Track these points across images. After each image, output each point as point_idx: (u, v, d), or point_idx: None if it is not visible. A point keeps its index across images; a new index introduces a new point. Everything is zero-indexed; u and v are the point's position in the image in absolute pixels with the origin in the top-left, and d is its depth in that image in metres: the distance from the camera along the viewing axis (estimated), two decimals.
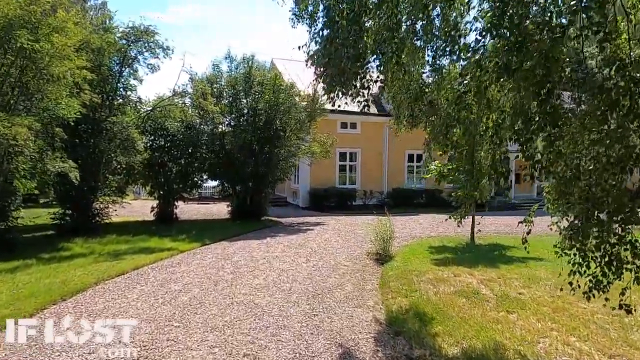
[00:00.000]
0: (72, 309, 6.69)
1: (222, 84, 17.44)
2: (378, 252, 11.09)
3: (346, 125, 23.77)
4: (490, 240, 13.43)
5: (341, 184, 23.90)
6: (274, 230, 15.66)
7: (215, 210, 21.74)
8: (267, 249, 11.66)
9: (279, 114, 17.35)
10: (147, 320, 6.20)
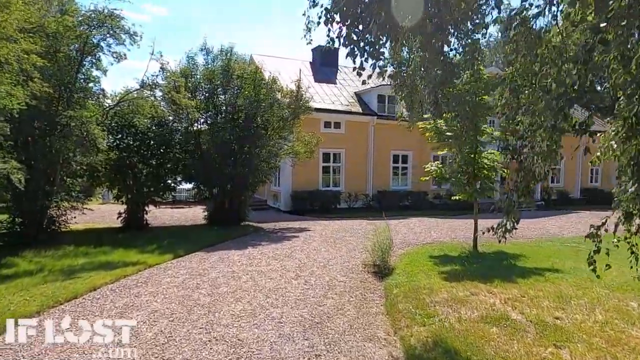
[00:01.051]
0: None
1: (198, 78, 15.76)
2: (376, 264, 9.70)
3: (330, 124, 22.36)
4: (493, 248, 12.20)
5: (325, 186, 22.47)
6: (256, 237, 14.09)
7: (191, 215, 19.99)
8: (250, 262, 10.10)
9: (260, 111, 15.80)
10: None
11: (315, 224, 17.57)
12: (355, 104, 23.73)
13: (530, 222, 19.61)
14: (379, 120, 23.35)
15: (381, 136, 23.63)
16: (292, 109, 16.12)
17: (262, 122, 15.95)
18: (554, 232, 16.77)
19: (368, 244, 12.07)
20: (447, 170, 11.47)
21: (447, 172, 11.46)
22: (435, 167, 11.57)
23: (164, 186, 15.87)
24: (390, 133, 23.91)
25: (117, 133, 14.58)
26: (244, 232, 15.04)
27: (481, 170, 11.27)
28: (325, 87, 24.38)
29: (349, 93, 24.72)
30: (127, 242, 12.40)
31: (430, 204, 24.09)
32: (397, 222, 18.33)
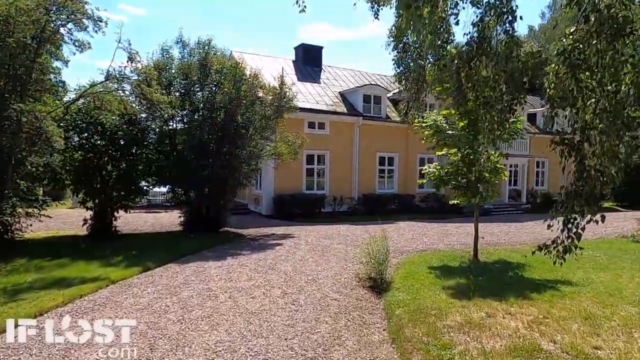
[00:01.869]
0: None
1: (173, 73, 14.36)
2: (371, 276, 8.56)
3: (314, 125, 21.17)
4: (494, 256, 11.21)
5: (308, 189, 21.26)
6: (236, 245, 12.77)
7: (166, 221, 18.50)
8: (229, 276, 8.80)
9: (240, 109, 14.51)
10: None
11: (300, 229, 16.34)
12: (340, 104, 22.62)
13: (520, 225, 18.82)
14: (365, 121, 22.29)
15: (367, 137, 22.58)
16: (275, 107, 14.87)
17: (243, 120, 14.66)
18: (547, 236, 15.85)
19: (358, 252, 10.98)
20: (446, 173, 10.36)
21: (446, 174, 10.36)
22: (434, 169, 10.47)
23: (135, 190, 14.39)
24: (376, 134, 22.90)
25: (83, 132, 13.08)
26: (223, 240, 13.71)
27: (482, 173, 10.25)
28: (308, 86, 23.21)
29: (334, 93, 23.61)
30: (91, 252, 10.95)
31: (416, 208, 23.13)
32: (386, 227, 17.21)
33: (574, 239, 4.03)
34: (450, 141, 9.69)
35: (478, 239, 10.81)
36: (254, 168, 16.03)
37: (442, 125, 9.80)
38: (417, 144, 24.03)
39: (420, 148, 24.18)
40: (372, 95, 22.94)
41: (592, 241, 14.86)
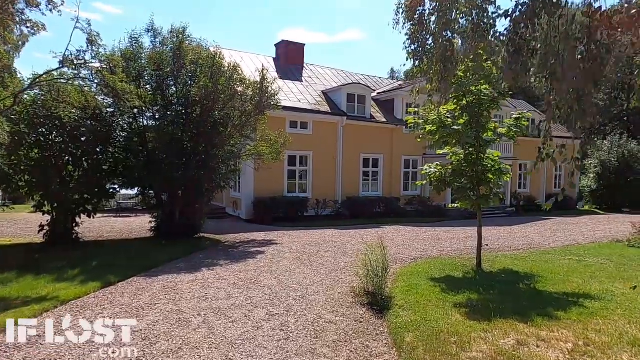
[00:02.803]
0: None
1: (143, 63, 12.85)
2: (368, 291, 7.37)
3: (296, 124, 19.91)
4: (497, 265, 10.17)
5: (290, 192, 19.96)
6: (212, 254, 11.38)
7: (137, 226, 16.91)
8: (204, 293, 7.44)
9: (218, 104, 13.13)
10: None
11: (282, 235, 15.03)
12: (323, 103, 21.43)
13: (510, 230, 17.99)
14: (349, 120, 21.16)
15: (351, 138, 21.45)
16: (256, 103, 13.55)
17: (221, 117, 13.27)
18: (539, 241, 15.10)
19: (349, 261, 9.76)
20: (448, 174, 9.23)
21: (448, 175, 9.23)
22: (435, 170, 9.33)
23: (99, 192, 12.79)
24: (361, 135, 21.80)
25: (38, 127, 11.47)
26: (198, 248, 12.29)
27: (486, 174, 9.19)
28: (290, 84, 21.94)
29: (316, 92, 22.41)
30: (44, 264, 9.40)
31: (402, 211, 22.12)
32: (373, 232, 16.12)
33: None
34: (456, 138, 8.59)
35: (482, 247, 9.70)
36: (232, 169, 14.66)
37: (447, 121, 8.69)
38: (403, 145, 23.19)
39: (405, 149, 23.30)
40: (356, 95, 21.85)
41: (587, 246, 14.10)
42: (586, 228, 19.35)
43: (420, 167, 23.36)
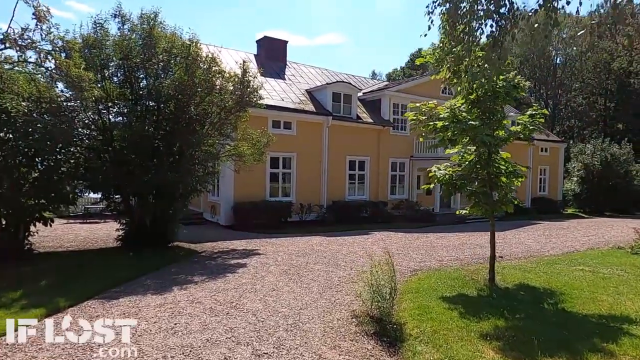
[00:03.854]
0: None
1: (109, 52, 11.27)
2: (372, 315, 6.10)
3: (279, 124, 18.51)
4: (509, 278, 9.01)
5: (273, 196, 18.53)
6: (186, 267, 9.88)
7: (104, 234, 15.20)
8: (172, 322, 5.97)
9: (194, 99, 11.66)
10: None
11: (265, 243, 13.61)
12: (307, 102, 20.10)
13: (503, 236, 17.01)
14: (335, 121, 19.88)
15: (336, 139, 20.17)
16: (237, 98, 12.10)
17: (197, 113, 11.79)
18: (537, 248, 14.14)
19: (342, 274, 8.41)
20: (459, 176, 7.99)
21: (459, 178, 7.99)
22: (445, 172, 8.06)
23: (57, 197, 11.09)
24: (346, 136, 20.56)
25: None
26: (170, 259, 10.78)
27: (499, 177, 8.02)
28: (272, 82, 20.54)
29: (300, 90, 21.06)
30: None
31: (389, 216, 20.95)
32: (362, 239, 14.85)
33: None
34: (470, 135, 7.36)
35: (495, 259, 8.50)
36: (210, 171, 13.15)
37: (461, 115, 7.46)
38: (390, 147, 22.06)
39: (392, 151, 22.18)
40: (342, 94, 20.61)
41: (588, 253, 13.18)
42: (578, 233, 18.57)
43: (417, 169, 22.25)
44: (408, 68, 50.45)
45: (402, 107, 22.65)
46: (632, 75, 39.07)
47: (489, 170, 7.87)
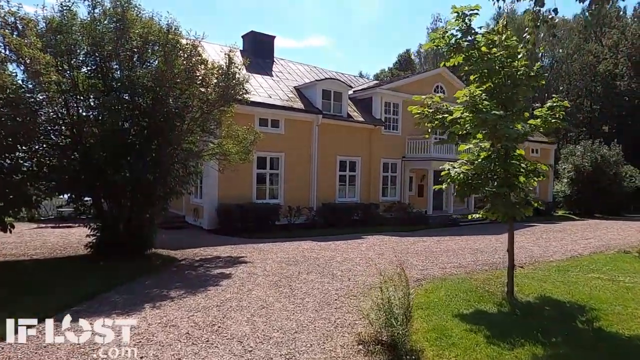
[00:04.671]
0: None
1: (77, 37, 9.99)
2: (382, 340, 5.04)
3: (266, 122, 17.37)
4: (528, 289, 8.03)
5: (260, 198, 17.35)
6: (163, 279, 8.67)
7: (75, 239, 13.82)
8: (138, 354, 4.81)
9: (173, 91, 10.46)
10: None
11: (252, 249, 12.45)
12: (296, 99, 18.99)
13: (502, 239, 15.94)
14: (325, 119, 18.81)
15: (326, 138, 19.10)
16: (221, 90, 10.94)
17: (177, 106, 10.60)
18: (539, 253, 13.30)
19: (339, 286, 7.29)
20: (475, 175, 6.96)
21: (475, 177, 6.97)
22: (460, 170, 7.03)
23: (18, 199, 9.76)
24: (337, 135, 19.51)
25: None
26: (146, 269, 9.56)
27: (517, 176, 7.05)
28: (259, 78, 19.38)
29: (288, 87, 19.94)
30: None
31: (381, 218, 19.96)
32: (356, 244, 13.80)
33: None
34: (491, 128, 6.33)
35: (514, 269, 7.51)
36: (192, 171, 11.93)
37: (483, 104, 6.41)
38: (381, 147, 21.05)
39: (384, 152, 21.21)
40: (332, 91, 19.56)
41: (595, 258, 12.36)
42: (575, 236, 17.84)
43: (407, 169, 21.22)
44: (396, 69, 49.80)
45: (394, 106, 21.72)
46: (618, 77, 38.95)
47: (506, 169, 6.88)
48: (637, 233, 19.19)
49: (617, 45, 39.19)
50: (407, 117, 21.99)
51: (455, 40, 7.30)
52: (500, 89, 6.84)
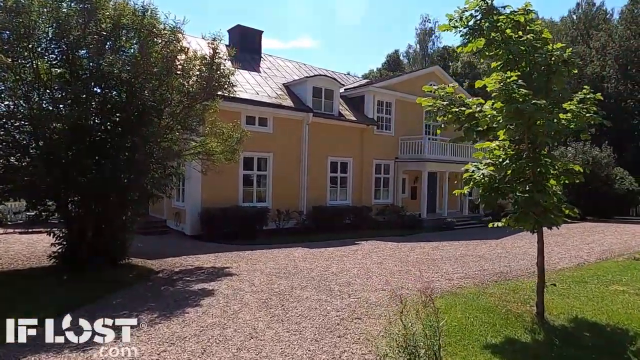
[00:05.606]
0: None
1: (37, 19, 8.65)
2: None
3: (254, 120, 16.15)
4: (556, 308, 7.00)
5: (246, 201, 16.11)
6: (134, 298, 7.38)
7: (42, 247, 12.36)
8: None
9: (150, 82, 9.18)
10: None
11: (238, 257, 11.22)
12: (285, 96, 17.80)
13: (502, 244, 15.22)
14: (315, 118, 17.66)
15: (317, 138, 17.95)
16: (204, 81, 9.71)
17: (155, 100, 9.33)
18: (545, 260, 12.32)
19: (338, 304, 6.07)
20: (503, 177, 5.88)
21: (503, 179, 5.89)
22: (486, 171, 5.92)
23: None
24: (328, 135, 18.37)
25: None
26: (117, 284, 8.25)
27: (548, 178, 6.01)
28: (246, 74, 18.14)
29: (277, 84, 18.74)
30: None
31: (374, 222, 18.89)
32: (350, 251, 12.67)
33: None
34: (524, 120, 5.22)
35: (544, 286, 6.45)
36: (172, 172, 10.63)
37: (518, 93, 5.27)
38: (374, 148, 19.93)
39: (376, 153, 20.17)
40: (323, 89, 18.42)
41: (605, 265, 11.49)
42: (575, 240, 17.06)
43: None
44: (385, 69, 48.89)
45: (387, 105, 20.69)
46: (605, 79, 38.71)
47: (536, 170, 5.83)
48: (633, 237, 18.52)
49: (604, 48, 38.95)
50: (400, 116, 21.00)
51: (475, 22, 6.26)
52: (530, 77, 5.78)
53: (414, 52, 52.84)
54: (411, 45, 53.61)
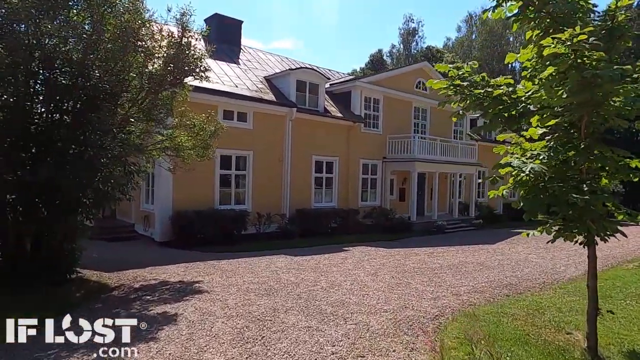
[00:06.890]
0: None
1: None
2: None
3: (232, 115, 14.53)
4: (606, 340, 5.65)
5: (224, 203, 14.46)
6: (74, 328, 5.74)
7: None
8: None
9: (103, 60, 7.51)
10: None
11: (212, 268, 9.61)
12: (266, 90, 16.24)
13: (500, 250, 13.99)
14: (299, 114, 16.15)
15: (301, 136, 16.45)
16: (171, 60, 8.09)
17: (109, 82, 7.65)
18: (549, 267, 11.26)
19: (333, 335, 4.72)
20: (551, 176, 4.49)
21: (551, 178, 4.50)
22: (533, 165, 4.44)
23: None
24: (312, 132, 16.89)
25: None
26: (57, 308, 6.55)
27: (600, 175, 4.68)
28: (224, 66, 16.51)
29: (258, 77, 17.16)
30: None
31: (361, 226, 17.49)
32: (339, 259, 11.21)
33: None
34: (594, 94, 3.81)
35: (597, 313, 5.09)
36: (133, 170, 8.93)
37: (591, 56, 3.82)
38: (361, 146, 18.40)
39: (363, 152, 18.76)
40: (308, 83, 16.94)
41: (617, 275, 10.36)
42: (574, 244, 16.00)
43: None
44: (368, 69, 47.74)
45: (375, 102, 19.32)
46: None
47: (592, 165, 4.47)
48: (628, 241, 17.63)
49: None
50: (388, 114, 19.68)
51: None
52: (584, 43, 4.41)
53: (397, 52, 51.91)
54: (395, 45, 52.67)
